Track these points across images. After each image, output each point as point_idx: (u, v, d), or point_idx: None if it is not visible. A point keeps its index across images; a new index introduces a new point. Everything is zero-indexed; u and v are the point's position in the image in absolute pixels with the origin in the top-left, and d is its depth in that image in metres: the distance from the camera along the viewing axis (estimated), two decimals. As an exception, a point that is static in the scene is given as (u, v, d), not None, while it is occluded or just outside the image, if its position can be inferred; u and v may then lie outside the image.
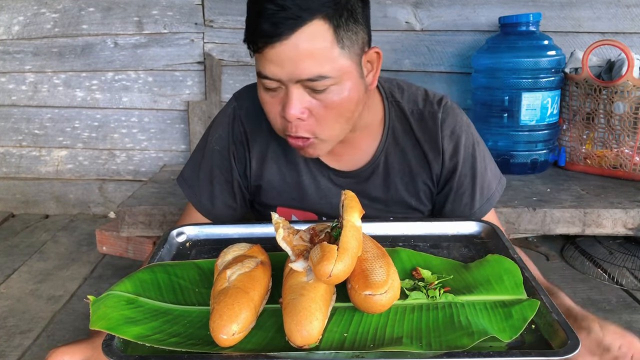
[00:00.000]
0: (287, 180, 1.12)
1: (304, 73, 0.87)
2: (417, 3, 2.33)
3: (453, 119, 1.08)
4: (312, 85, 0.88)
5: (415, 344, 0.64)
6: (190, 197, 1.16)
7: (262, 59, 0.89)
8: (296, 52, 0.85)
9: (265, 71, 0.89)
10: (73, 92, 2.52)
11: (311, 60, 0.86)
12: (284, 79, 0.88)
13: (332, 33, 0.87)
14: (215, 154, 1.14)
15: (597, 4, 2.29)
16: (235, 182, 1.14)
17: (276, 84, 0.90)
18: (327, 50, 0.87)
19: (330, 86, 0.89)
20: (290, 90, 0.89)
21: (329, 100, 0.90)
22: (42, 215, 2.65)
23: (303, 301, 0.65)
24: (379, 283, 0.67)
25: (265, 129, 1.11)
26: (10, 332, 1.62)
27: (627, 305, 1.75)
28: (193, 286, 0.78)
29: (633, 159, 2.00)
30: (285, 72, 0.87)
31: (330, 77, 0.88)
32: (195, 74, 2.46)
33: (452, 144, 1.08)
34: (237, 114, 1.13)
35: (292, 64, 0.86)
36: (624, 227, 1.78)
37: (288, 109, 0.89)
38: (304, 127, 0.92)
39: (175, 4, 2.38)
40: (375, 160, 1.10)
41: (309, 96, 0.90)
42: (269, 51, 0.86)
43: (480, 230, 0.96)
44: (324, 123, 0.93)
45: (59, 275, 2.00)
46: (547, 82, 2.04)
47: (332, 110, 0.92)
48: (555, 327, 0.65)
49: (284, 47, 0.85)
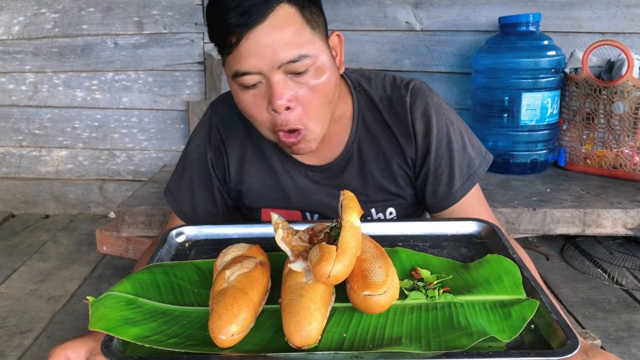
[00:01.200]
0: (266, 182, 1.13)
1: (285, 56, 0.87)
2: (417, 3, 2.33)
3: (422, 101, 1.08)
4: (294, 68, 0.89)
5: (414, 344, 0.64)
6: (173, 206, 1.17)
7: (237, 55, 0.89)
8: (271, 37, 0.86)
9: (244, 67, 0.89)
10: (73, 92, 2.52)
11: (287, 42, 0.87)
12: (265, 69, 0.88)
13: (300, 15, 0.89)
14: (194, 163, 1.15)
15: (597, 4, 2.28)
16: (216, 188, 1.15)
17: (256, 79, 0.90)
18: (300, 31, 0.89)
19: (310, 67, 0.90)
20: (273, 80, 0.89)
21: (312, 82, 0.91)
22: (42, 215, 2.66)
23: (302, 302, 0.64)
24: (378, 283, 0.67)
25: (241, 134, 1.12)
26: (10, 332, 1.62)
27: (627, 305, 1.75)
28: (192, 287, 0.78)
29: (633, 159, 1.99)
30: (266, 60, 0.87)
31: (309, 56, 0.89)
32: (195, 74, 2.46)
33: (422, 126, 1.08)
34: (212, 121, 1.14)
35: (270, 50, 0.87)
36: (624, 227, 1.78)
37: (275, 99, 0.89)
38: (293, 117, 0.92)
39: (175, 4, 2.39)
40: (348, 151, 1.10)
41: (292, 82, 0.90)
42: (244, 44, 0.87)
43: (480, 230, 0.96)
44: (311, 109, 0.93)
45: (59, 275, 2.00)
46: (547, 82, 2.03)
47: (316, 94, 0.92)
48: (554, 327, 0.65)
49: (259, 35, 0.86)
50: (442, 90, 2.40)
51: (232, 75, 0.92)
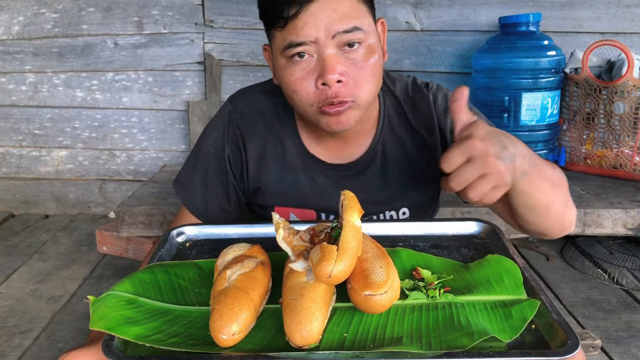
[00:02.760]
0: (284, 181, 1.12)
1: (341, 26, 0.89)
2: (417, 3, 2.33)
3: (444, 97, 1.12)
4: (347, 38, 0.90)
5: (415, 344, 0.64)
6: (183, 200, 1.16)
7: (293, 27, 0.90)
8: (331, 8, 0.89)
9: (299, 37, 0.90)
10: (73, 92, 2.52)
11: (345, 14, 0.90)
12: (321, 38, 0.90)
13: None
14: (210, 157, 1.13)
15: (597, 4, 2.29)
16: (231, 185, 1.14)
17: (309, 50, 0.91)
18: (356, 6, 0.92)
19: (362, 42, 0.92)
20: (326, 53, 0.91)
21: (362, 59, 0.93)
22: (42, 215, 2.65)
23: (303, 301, 0.64)
24: (379, 283, 0.67)
25: (262, 131, 1.11)
26: (10, 332, 1.62)
27: (627, 305, 1.75)
28: (193, 286, 0.78)
29: (633, 159, 2.00)
30: (322, 29, 0.89)
31: (363, 30, 0.92)
32: (195, 74, 2.46)
33: (449, 119, 1.10)
34: (232, 117, 1.12)
35: (327, 19, 0.89)
36: (624, 227, 1.78)
37: (328, 72, 0.90)
38: (344, 90, 0.93)
39: (175, 4, 2.39)
40: (372, 151, 1.10)
41: (343, 58, 0.92)
42: (303, 15, 0.89)
43: (480, 230, 0.96)
44: (361, 83, 0.94)
45: (59, 275, 2.00)
46: (547, 82, 2.04)
47: (366, 70, 0.94)
48: (555, 327, 0.65)
49: (319, 6, 0.89)
50: (442, 90, 2.40)
51: (285, 47, 0.92)
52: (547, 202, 0.89)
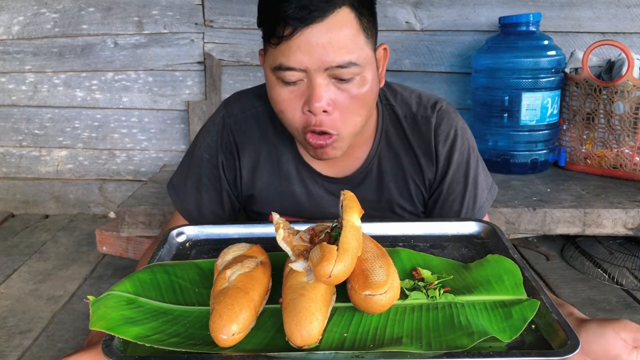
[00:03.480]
0: (278, 189, 1.10)
1: (335, 59, 0.85)
2: (417, 3, 2.33)
3: (448, 124, 1.07)
4: (340, 74, 0.86)
5: (415, 344, 0.64)
6: (176, 204, 1.14)
7: (286, 48, 0.85)
8: (327, 37, 0.84)
9: (290, 62, 0.86)
10: (73, 92, 2.52)
11: (341, 46, 0.85)
12: (312, 68, 0.86)
13: (358, 22, 0.87)
14: (203, 162, 1.11)
15: (597, 4, 2.29)
16: (224, 191, 1.12)
17: (298, 76, 0.88)
18: (355, 37, 0.87)
19: (355, 75, 0.88)
20: (316, 81, 0.87)
21: (354, 91, 0.89)
22: (42, 215, 2.65)
23: (303, 301, 0.64)
24: (379, 283, 0.67)
25: (256, 137, 1.09)
26: (10, 332, 1.62)
27: (627, 305, 1.75)
28: (193, 286, 0.78)
29: (633, 159, 2.00)
30: (315, 59, 0.85)
31: (358, 65, 0.87)
32: (195, 74, 2.46)
33: (445, 149, 1.07)
34: (226, 122, 1.10)
35: (322, 50, 0.84)
36: (624, 227, 1.78)
37: (314, 100, 0.87)
38: (329, 121, 0.90)
39: (175, 4, 2.39)
40: (368, 165, 1.08)
41: (334, 87, 0.88)
42: (297, 38, 0.84)
43: (480, 230, 0.96)
44: (347, 116, 0.91)
45: (59, 275, 2.00)
46: (547, 82, 2.04)
47: (356, 102, 0.90)
48: (555, 327, 0.65)
49: (315, 33, 0.83)
50: (442, 90, 2.40)
51: (274, 68, 0.89)
52: None
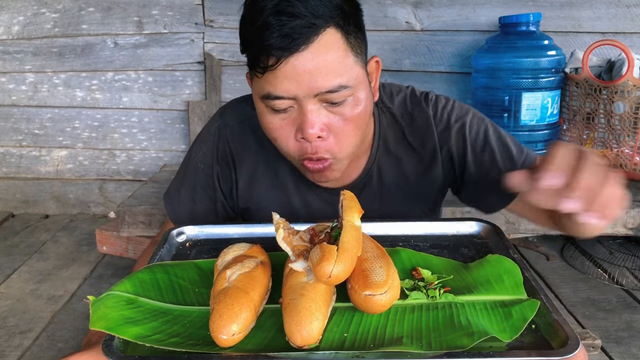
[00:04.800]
0: (276, 202, 1.08)
1: (324, 85, 0.81)
2: (417, 3, 2.33)
3: (443, 109, 1.05)
4: (330, 98, 0.83)
5: (415, 344, 0.64)
6: (170, 214, 1.12)
7: (272, 78, 0.82)
8: (313, 63, 0.80)
9: (277, 90, 0.83)
10: (73, 92, 2.52)
11: (329, 71, 0.81)
12: (300, 95, 0.82)
13: (345, 41, 0.83)
14: (199, 172, 1.09)
15: (597, 4, 2.29)
16: (219, 202, 1.10)
17: (288, 104, 0.85)
18: (343, 58, 0.83)
19: (347, 97, 0.85)
20: (307, 108, 0.84)
21: (347, 113, 0.86)
22: (42, 215, 2.65)
23: (303, 301, 0.64)
24: (379, 283, 0.67)
25: (253, 148, 1.07)
26: (10, 332, 1.62)
27: (627, 305, 1.75)
28: (193, 286, 0.78)
29: (633, 159, 1.99)
30: (303, 87, 0.81)
31: (349, 87, 0.84)
32: (195, 74, 2.46)
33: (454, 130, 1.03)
34: (222, 133, 1.08)
35: (309, 77, 0.81)
36: (624, 227, 1.78)
37: (307, 128, 0.84)
38: (324, 147, 0.87)
39: (175, 4, 2.39)
40: (367, 173, 1.06)
41: (326, 111, 0.85)
42: (283, 67, 0.80)
43: (480, 230, 0.96)
44: (343, 139, 0.88)
45: (59, 275, 2.00)
46: (547, 82, 2.04)
47: (350, 124, 0.87)
48: (555, 327, 0.65)
49: (301, 60, 0.80)
50: (442, 90, 2.40)
51: (263, 97, 0.86)
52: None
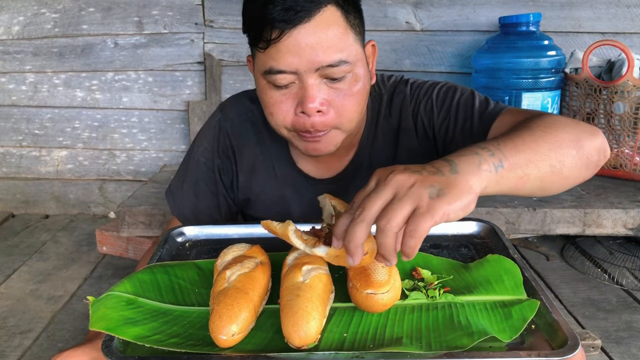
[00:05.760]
0: (275, 193, 1.10)
1: (325, 59, 0.84)
2: (417, 3, 2.33)
3: (405, 84, 1.06)
4: (331, 73, 0.86)
5: (415, 344, 0.64)
6: (173, 209, 1.13)
7: (275, 52, 0.85)
8: (315, 37, 0.83)
9: (280, 65, 0.85)
10: (73, 92, 2.52)
11: (330, 45, 0.84)
12: (302, 69, 0.85)
13: (345, 19, 0.86)
14: (200, 166, 1.11)
15: (597, 4, 2.29)
16: (221, 195, 1.12)
17: (289, 79, 0.87)
18: (343, 35, 0.86)
19: (347, 73, 0.87)
20: (308, 82, 0.86)
21: (346, 89, 0.89)
22: (42, 215, 2.65)
23: (299, 302, 0.64)
24: (381, 282, 0.67)
25: (253, 142, 1.09)
26: (10, 332, 1.62)
27: (627, 305, 1.75)
28: (193, 287, 0.78)
29: (633, 159, 1.99)
30: (304, 61, 0.84)
31: (349, 63, 0.86)
32: (195, 74, 2.46)
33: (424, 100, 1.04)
34: (222, 126, 1.10)
35: (311, 51, 0.83)
36: (624, 227, 1.78)
37: (308, 102, 0.86)
38: (323, 121, 0.89)
39: (175, 4, 2.39)
40: (357, 160, 1.07)
41: (326, 87, 0.88)
42: (285, 40, 0.83)
43: (480, 230, 0.96)
44: (343, 113, 0.90)
45: (59, 275, 2.00)
46: (547, 82, 2.04)
47: (349, 99, 0.90)
48: (555, 327, 0.65)
49: (303, 33, 0.83)
50: (442, 90, 2.39)
51: (264, 72, 0.88)
52: (551, 168, 0.72)
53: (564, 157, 0.73)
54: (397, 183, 0.61)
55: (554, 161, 0.72)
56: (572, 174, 0.76)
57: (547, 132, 0.74)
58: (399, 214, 0.59)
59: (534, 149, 0.71)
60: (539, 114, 0.83)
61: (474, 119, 0.97)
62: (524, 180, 0.70)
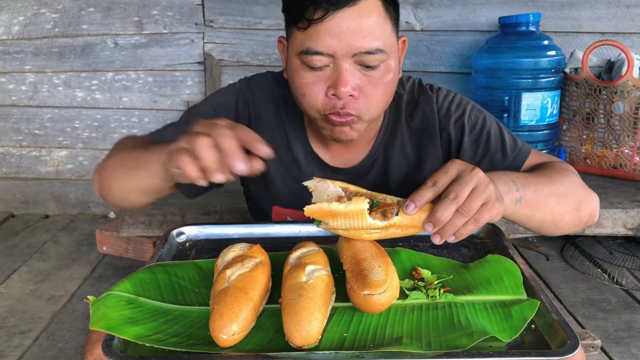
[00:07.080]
0: (286, 174, 1.10)
1: (363, 45, 0.86)
2: (417, 3, 2.33)
3: (444, 97, 1.08)
4: (367, 60, 0.87)
5: (415, 344, 0.64)
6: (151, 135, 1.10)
7: (314, 32, 0.86)
8: (356, 23, 0.85)
9: (318, 46, 0.86)
10: (73, 92, 2.52)
11: (369, 32, 0.86)
12: (339, 53, 0.86)
13: (385, 10, 0.88)
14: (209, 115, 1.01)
15: (597, 4, 2.29)
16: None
17: (325, 62, 0.88)
18: (382, 24, 0.88)
19: (381, 62, 0.89)
20: (343, 67, 0.87)
21: (378, 77, 0.90)
22: (42, 215, 2.65)
23: (302, 301, 0.65)
24: (377, 283, 0.67)
25: (272, 117, 1.08)
26: (10, 332, 1.63)
27: (627, 305, 1.75)
28: (193, 286, 0.78)
29: (633, 159, 2.00)
30: (343, 45, 0.85)
31: (385, 52, 0.88)
32: (195, 74, 2.46)
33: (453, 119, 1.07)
34: (246, 95, 1.09)
35: (351, 35, 0.85)
36: (624, 227, 1.78)
37: (341, 86, 0.87)
38: (353, 104, 0.91)
39: (175, 4, 2.39)
40: (373, 155, 1.08)
41: (360, 73, 0.89)
42: (327, 22, 0.84)
43: (480, 230, 0.96)
44: (372, 101, 0.92)
45: (59, 275, 2.00)
46: (547, 82, 2.04)
47: (380, 88, 0.91)
48: (555, 327, 0.65)
49: (345, 17, 0.84)
50: (442, 90, 2.40)
51: (301, 52, 0.89)
52: (553, 218, 0.90)
53: (565, 214, 0.92)
54: (479, 180, 0.73)
55: (557, 214, 0.90)
56: (565, 227, 0.94)
57: (561, 189, 0.91)
58: (477, 202, 0.72)
59: (546, 200, 0.88)
60: (559, 167, 0.99)
61: (506, 153, 1.07)
62: (529, 219, 0.88)
